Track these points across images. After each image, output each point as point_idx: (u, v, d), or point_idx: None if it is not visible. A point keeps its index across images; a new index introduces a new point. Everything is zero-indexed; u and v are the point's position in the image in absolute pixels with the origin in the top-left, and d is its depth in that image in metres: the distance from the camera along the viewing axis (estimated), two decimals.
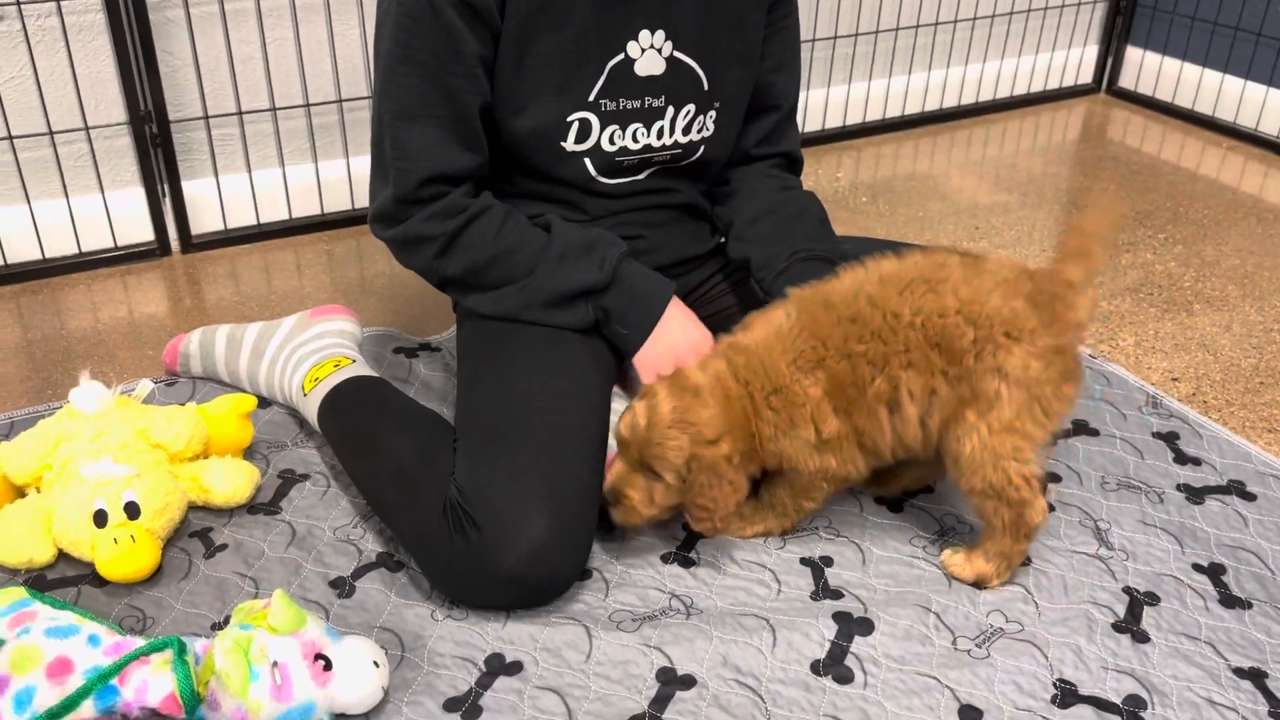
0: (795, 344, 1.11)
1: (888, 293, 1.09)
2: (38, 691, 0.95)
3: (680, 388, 1.11)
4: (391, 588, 1.14)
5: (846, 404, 1.10)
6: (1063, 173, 2.28)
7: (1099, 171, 2.28)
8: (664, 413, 1.09)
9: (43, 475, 1.17)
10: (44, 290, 1.76)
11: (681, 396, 1.10)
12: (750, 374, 1.12)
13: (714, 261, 1.42)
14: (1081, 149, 2.42)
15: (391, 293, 1.77)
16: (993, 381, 1.06)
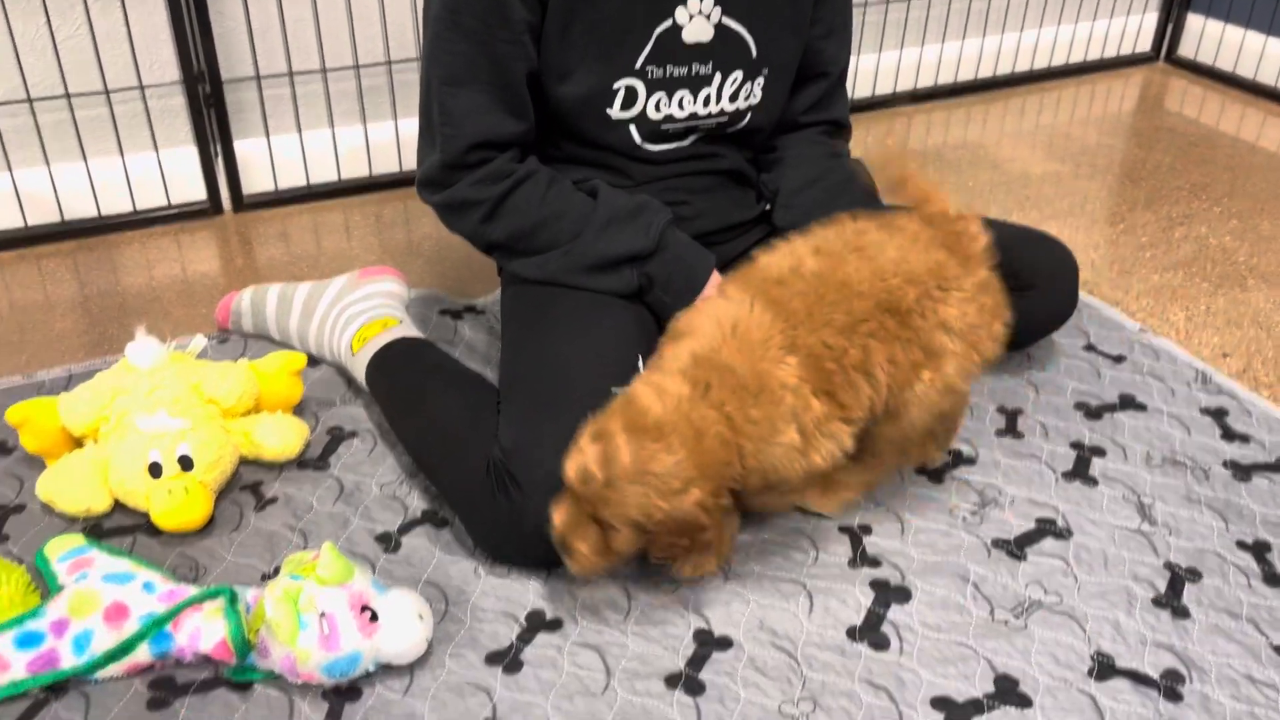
0: (765, 333, 1.02)
1: (830, 264, 1.06)
2: (95, 635, 0.99)
3: (639, 429, 0.96)
4: (436, 544, 1.16)
5: (827, 383, 1.03)
6: (1118, 143, 2.24)
7: (1155, 142, 2.24)
8: (623, 463, 0.95)
9: (100, 427, 1.21)
10: (100, 247, 1.80)
11: (641, 440, 0.96)
12: (725, 392, 1.00)
13: (758, 229, 1.42)
14: (1138, 119, 2.37)
15: (437, 255, 1.79)
16: (939, 336, 1.06)
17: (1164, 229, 1.89)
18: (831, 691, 1.00)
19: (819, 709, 0.98)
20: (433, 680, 1.00)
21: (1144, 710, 0.99)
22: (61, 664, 0.98)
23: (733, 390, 1.00)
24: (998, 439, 1.33)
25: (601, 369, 1.18)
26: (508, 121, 1.21)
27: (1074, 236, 1.86)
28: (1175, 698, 1.00)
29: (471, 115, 1.19)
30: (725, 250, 1.40)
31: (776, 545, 1.17)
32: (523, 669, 1.01)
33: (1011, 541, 1.18)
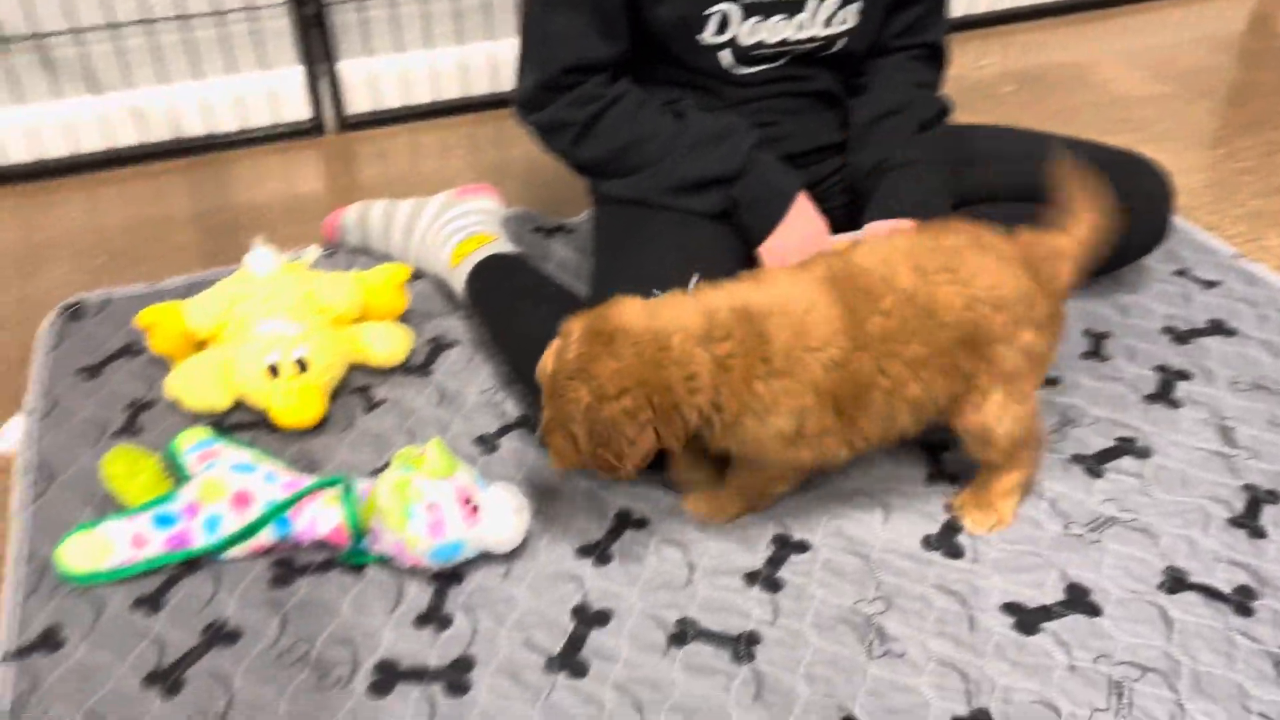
0: (825, 336, 0.98)
1: (922, 285, 1.01)
2: (224, 518, 1.08)
3: (595, 332, 0.97)
4: (531, 446, 1.23)
5: (857, 406, 1.01)
6: (1224, 65, 2.17)
7: (1263, 64, 2.17)
8: (567, 360, 0.97)
9: (222, 331, 1.29)
10: (212, 164, 1.89)
11: (592, 344, 0.96)
12: (741, 351, 0.97)
13: (843, 154, 1.43)
14: (1246, 40, 2.29)
15: (530, 175, 1.83)
16: (1015, 360, 1.04)
17: (1266, 154, 1.85)
18: (905, 594, 1.05)
19: (892, 609, 1.03)
20: (528, 569, 1.07)
21: (1214, 622, 1.02)
22: (193, 543, 1.08)
23: (752, 355, 0.97)
24: (1082, 361, 1.35)
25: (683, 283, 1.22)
26: (602, 45, 1.24)
27: (1172, 160, 1.82)
28: (1246, 612, 1.03)
29: (567, 39, 1.22)
30: (815, 171, 1.41)
31: (855, 461, 1.21)
32: (611, 561, 1.08)
33: (1090, 458, 1.20)
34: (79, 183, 1.83)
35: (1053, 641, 1.00)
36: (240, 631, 1.01)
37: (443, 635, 1.01)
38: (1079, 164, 1.15)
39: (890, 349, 1.00)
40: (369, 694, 0.95)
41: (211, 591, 1.05)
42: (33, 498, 1.16)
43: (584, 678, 0.97)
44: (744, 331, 0.97)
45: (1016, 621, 1.02)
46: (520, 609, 1.03)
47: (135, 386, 1.33)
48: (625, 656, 0.99)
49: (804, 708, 0.94)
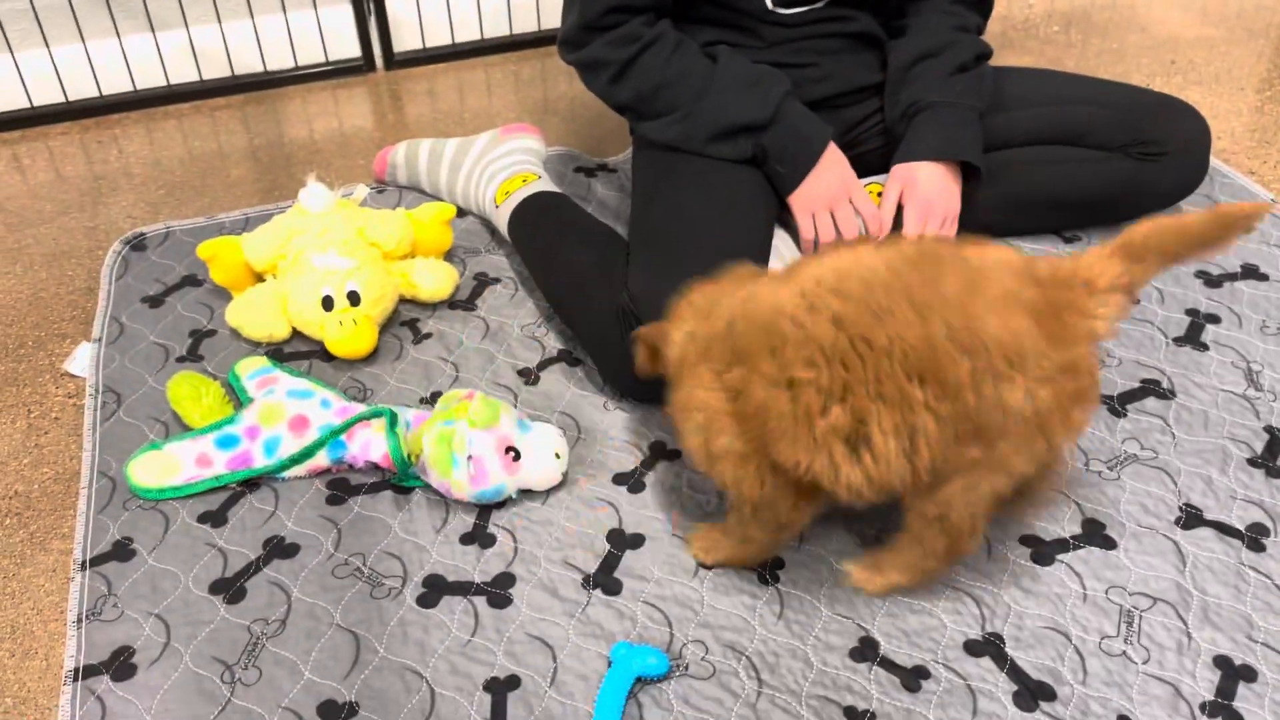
0: (720, 351, 0.93)
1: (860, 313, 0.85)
2: (283, 440, 1.15)
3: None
4: (570, 380, 1.28)
5: (764, 430, 0.90)
6: (1275, 6, 2.13)
7: None
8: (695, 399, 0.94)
9: (278, 263, 1.35)
10: (265, 100, 1.94)
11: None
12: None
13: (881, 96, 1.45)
14: None
15: (572, 114, 1.87)
16: (995, 417, 0.86)
17: None
18: None
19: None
20: (568, 494, 1.13)
21: (1225, 558, 1.05)
22: (254, 463, 1.15)
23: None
24: None
25: (726, 225, 1.26)
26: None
27: (1216, 103, 1.82)
28: (1258, 548, 1.06)
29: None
30: (853, 113, 1.43)
31: None
32: (645, 490, 1.14)
33: (1115, 399, 1.23)
34: (139, 118, 1.89)
35: (1067, 571, 1.05)
36: (298, 545, 1.08)
37: (486, 553, 1.07)
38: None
39: (790, 375, 0.88)
40: (417, 604, 1.02)
41: (271, 508, 1.12)
42: (103, 419, 1.24)
43: (618, 595, 1.03)
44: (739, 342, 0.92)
45: (1033, 553, 1.07)
46: (558, 531, 1.09)
47: (197, 315, 1.40)
48: (657, 577, 1.05)
49: (824, 627, 1.00)
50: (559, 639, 0.99)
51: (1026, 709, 0.93)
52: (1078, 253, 0.92)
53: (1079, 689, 0.94)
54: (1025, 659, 0.97)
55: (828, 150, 1.31)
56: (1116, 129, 1.37)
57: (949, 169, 1.35)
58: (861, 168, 1.41)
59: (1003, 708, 0.93)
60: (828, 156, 1.31)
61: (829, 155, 1.31)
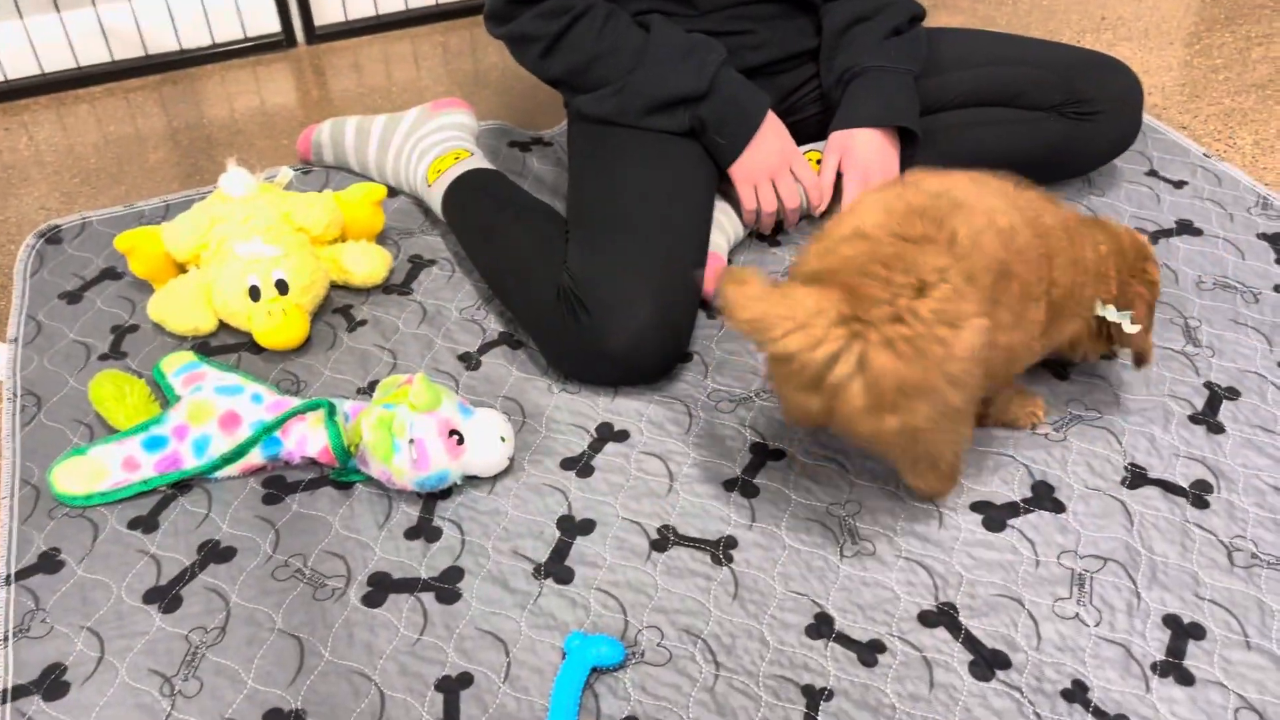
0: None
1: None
2: (213, 439, 1.11)
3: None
4: (513, 363, 1.25)
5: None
6: None
7: None
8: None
9: (201, 253, 1.30)
10: (183, 80, 1.86)
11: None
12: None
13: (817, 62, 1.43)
14: None
15: (504, 86, 1.82)
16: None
17: (1241, 49, 1.84)
18: (877, 495, 1.09)
19: (864, 510, 1.07)
20: (515, 482, 1.11)
21: (1171, 515, 1.06)
22: (184, 464, 1.11)
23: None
24: None
25: (665, 199, 1.24)
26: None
27: (1147, 59, 1.83)
28: (1202, 505, 1.07)
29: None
30: (790, 80, 1.41)
31: None
32: (594, 474, 1.12)
33: (1057, 361, 1.23)
34: (48, 102, 1.81)
35: (1018, 537, 1.05)
36: (234, 548, 1.05)
37: (432, 547, 1.04)
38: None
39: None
40: (363, 604, 0.99)
41: (205, 511, 1.08)
42: (22, 424, 1.19)
43: (570, 584, 1.01)
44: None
45: (984, 519, 1.07)
46: (506, 521, 1.07)
47: (118, 310, 1.34)
48: (609, 563, 1.03)
49: (779, 605, 0.99)
50: (511, 633, 0.97)
51: (983, 678, 0.93)
52: None
53: (1033, 655, 0.95)
54: (979, 627, 0.97)
55: (767, 120, 1.29)
56: (1050, 89, 1.37)
57: (886, 134, 1.33)
58: (800, 135, 1.39)
59: (959, 678, 0.93)
60: (767, 126, 1.29)
61: (768, 125, 1.29)
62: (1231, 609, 0.98)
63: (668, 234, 1.21)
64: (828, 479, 1.11)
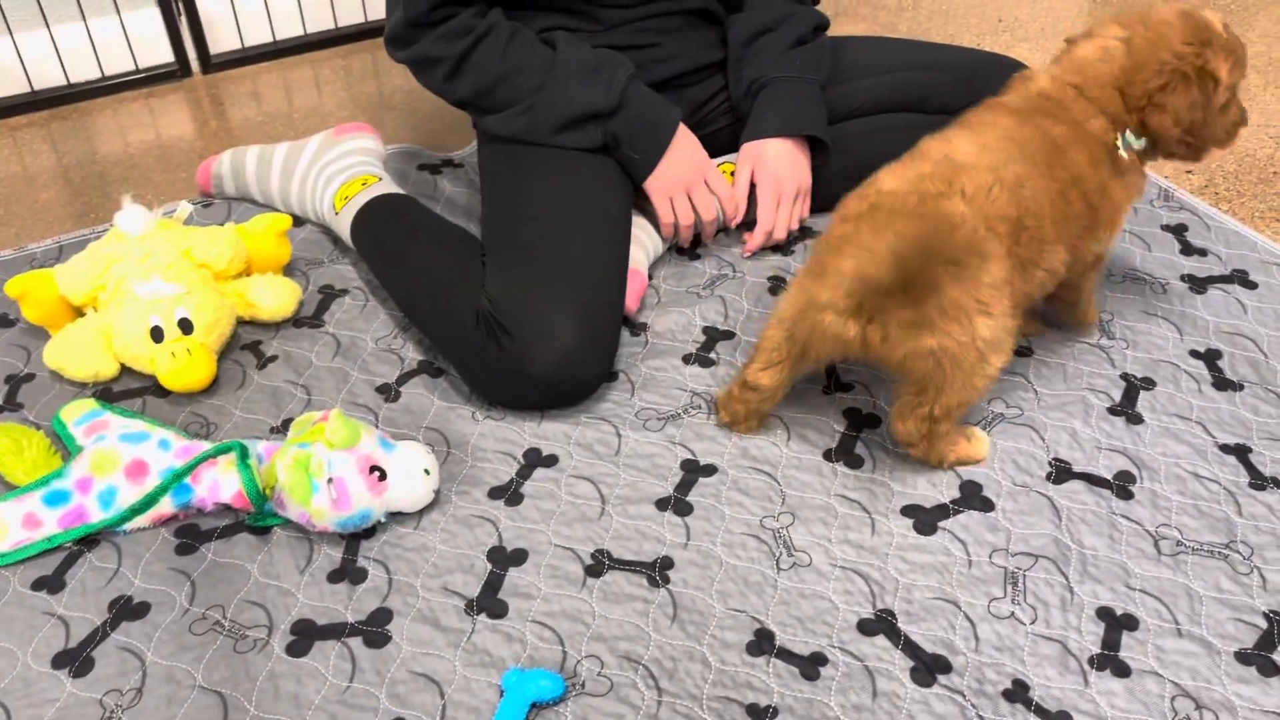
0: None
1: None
2: (120, 490, 1.06)
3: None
4: (434, 392, 1.22)
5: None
6: None
7: None
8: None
9: (98, 295, 1.24)
10: (72, 116, 1.79)
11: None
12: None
13: (725, 74, 1.43)
14: None
15: (411, 108, 1.79)
16: None
17: None
18: (809, 505, 1.08)
19: (798, 521, 1.06)
20: (441, 515, 1.07)
21: (1097, 508, 1.08)
22: (90, 518, 1.05)
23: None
24: None
25: (582, 217, 1.22)
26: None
27: (1044, 59, 1.86)
28: (1127, 495, 1.09)
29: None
30: (700, 91, 1.41)
31: None
32: (524, 501, 1.09)
33: None
34: None
35: (950, 538, 1.05)
36: (148, 604, 1.00)
37: (358, 589, 1.01)
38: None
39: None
40: (287, 654, 0.95)
41: (114, 566, 1.03)
42: None
43: (504, 617, 0.98)
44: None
45: (915, 523, 1.06)
46: (435, 556, 1.04)
47: (11, 360, 1.28)
48: (543, 593, 1.00)
49: (719, 624, 0.97)
50: (445, 673, 0.94)
51: (924, 684, 0.93)
52: None
53: (973, 657, 0.95)
54: (918, 632, 0.97)
55: (679, 133, 1.28)
56: (954, 92, 1.38)
57: (796, 143, 1.34)
58: (712, 147, 1.39)
59: (901, 685, 0.93)
60: (679, 139, 1.28)
61: (680, 138, 1.28)
62: (1161, 597, 0.99)
63: (587, 252, 1.19)
64: (759, 491, 1.10)
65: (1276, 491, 1.09)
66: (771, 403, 1.14)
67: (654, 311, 1.32)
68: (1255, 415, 1.17)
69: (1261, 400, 1.19)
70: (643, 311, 1.32)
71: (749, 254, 1.40)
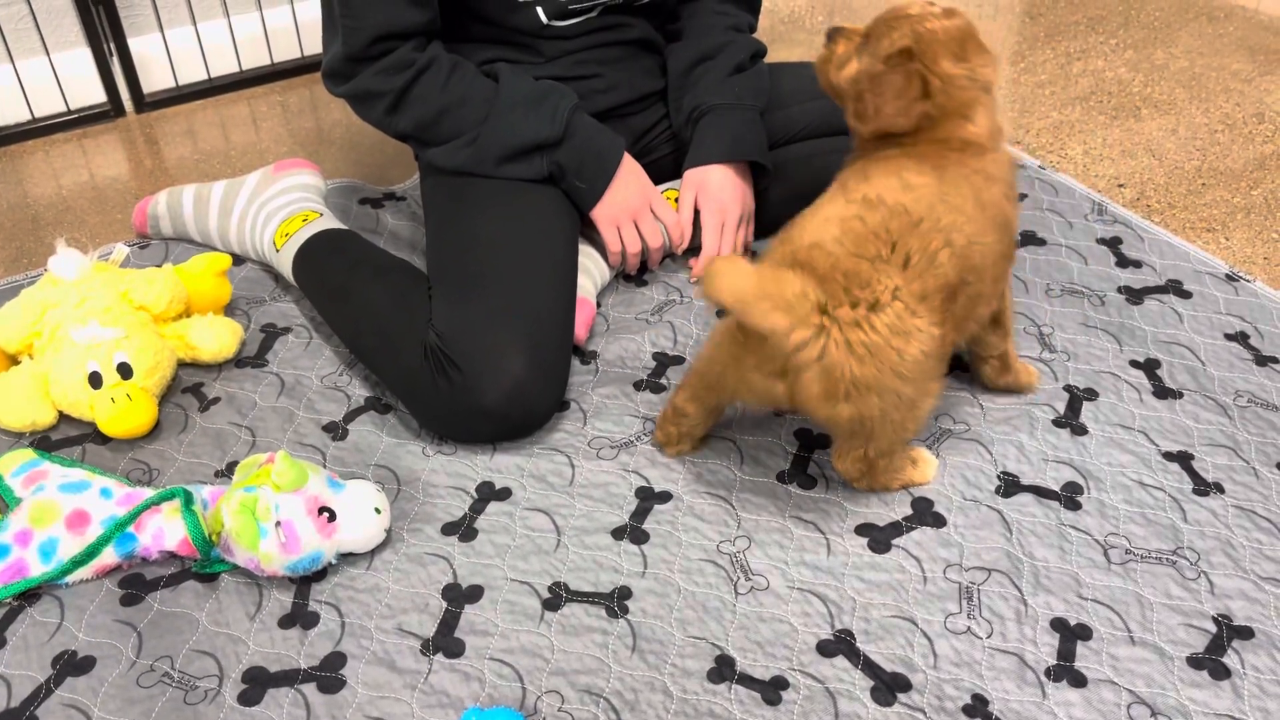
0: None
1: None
2: (60, 542, 1.03)
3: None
4: (382, 429, 1.20)
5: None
6: None
7: None
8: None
9: (33, 342, 1.21)
10: (2, 158, 1.75)
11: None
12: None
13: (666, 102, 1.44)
14: None
15: (350, 142, 1.77)
16: None
17: (1062, 65, 1.94)
18: (765, 528, 1.08)
19: (754, 544, 1.06)
20: (394, 554, 1.06)
21: (1047, 520, 1.09)
22: (30, 572, 1.02)
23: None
24: None
25: (528, 247, 1.22)
26: (409, 11, 1.19)
27: None
28: (1074, 506, 1.10)
29: (372, 7, 1.17)
30: (641, 121, 1.42)
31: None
32: (478, 536, 1.08)
33: None
34: None
35: (904, 556, 1.05)
36: (93, 658, 0.97)
37: (310, 634, 0.99)
38: None
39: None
40: (239, 703, 0.93)
41: (57, 620, 1.00)
42: None
43: (461, 656, 0.97)
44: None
45: (869, 541, 1.07)
46: (388, 597, 1.02)
47: None
48: (501, 629, 0.99)
49: (679, 652, 0.97)
50: (402, 716, 0.92)
51: (885, 703, 0.93)
52: None
53: (932, 674, 0.95)
54: (877, 651, 0.97)
55: (624, 162, 1.29)
56: None
57: (738, 170, 1.35)
58: (655, 174, 1.40)
59: (863, 706, 0.93)
60: (624, 168, 1.29)
61: (625, 166, 1.29)
62: (1113, 605, 1.01)
63: (535, 282, 1.19)
64: (715, 516, 1.09)
65: (1219, 497, 1.11)
66: (704, 428, 1.14)
67: (604, 339, 1.32)
68: (1196, 423, 1.20)
69: (1201, 407, 1.22)
70: (592, 339, 1.32)
71: (695, 279, 1.40)
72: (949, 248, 0.99)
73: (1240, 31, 2.04)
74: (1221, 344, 1.30)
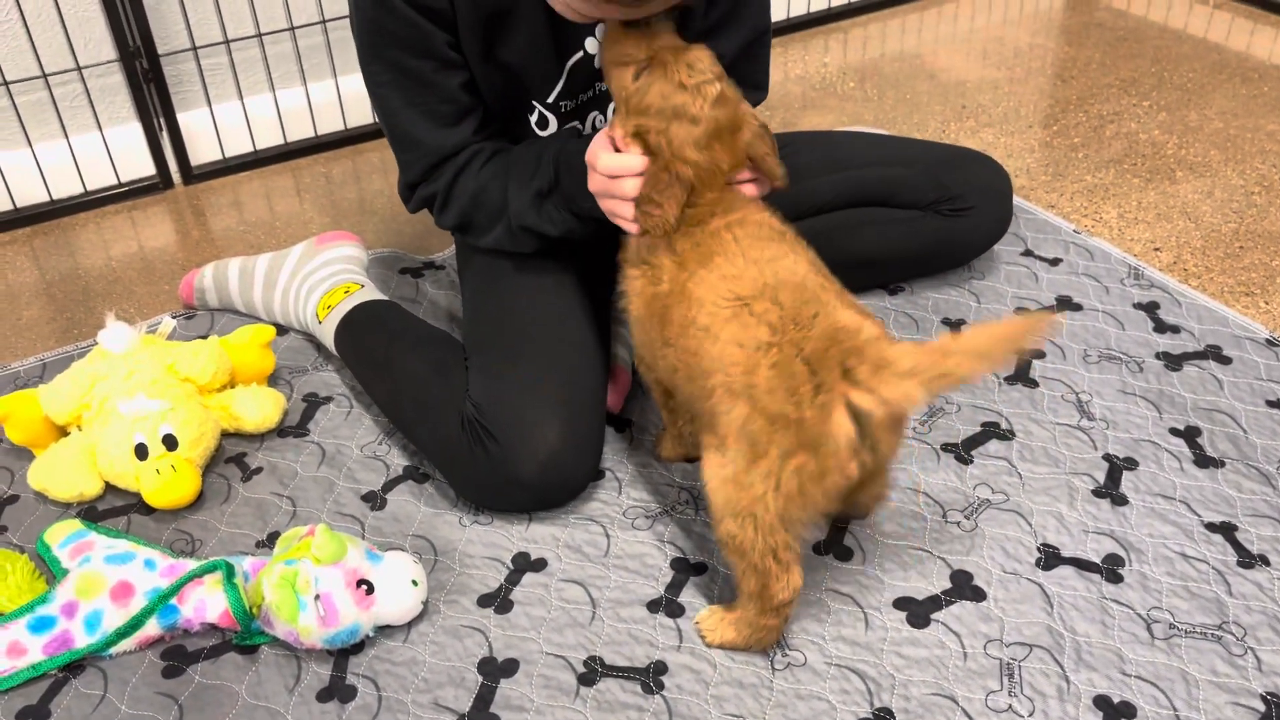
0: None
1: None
2: (105, 614, 1.05)
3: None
4: (420, 498, 1.22)
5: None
6: (1049, 43, 2.28)
7: (1084, 39, 2.28)
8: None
9: (82, 414, 1.24)
10: (54, 231, 1.81)
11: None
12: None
13: None
14: (1067, 17, 2.41)
15: (391, 212, 1.81)
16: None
17: (1095, 128, 1.95)
18: (801, 601, 1.08)
19: (791, 617, 1.06)
20: (430, 627, 1.06)
21: (1088, 593, 1.08)
22: (76, 644, 1.04)
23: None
24: None
25: (562, 320, 1.23)
26: (453, 133, 1.21)
27: (1009, 142, 1.91)
28: (1116, 579, 1.09)
29: (418, 140, 1.21)
30: None
31: None
32: (513, 608, 1.08)
33: (959, 445, 1.25)
34: None
35: (944, 631, 1.04)
36: None
37: (348, 707, 0.99)
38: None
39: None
40: None
41: (100, 692, 1.01)
42: None
43: None
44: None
45: (908, 615, 1.06)
46: (425, 670, 1.02)
47: None
48: (536, 704, 0.99)
49: None
50: None
51: None
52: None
53: None
54: None
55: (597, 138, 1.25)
56: (922, 188, 1.41)
57: None
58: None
59: None
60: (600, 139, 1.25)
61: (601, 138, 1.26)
62: (1157, 683, 0.99)
63: (569, 352, 1.20)
64: None
65: (1265, 569, 1.09)
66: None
67: (639, 407, 1.33)
68: (1239, 492, 1.18)
69: (1244, 476, 1.20)
70: (628, 408, 1.33)
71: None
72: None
73: (1275, 92, 2.04)
74: (1264, 411, 1.29)
